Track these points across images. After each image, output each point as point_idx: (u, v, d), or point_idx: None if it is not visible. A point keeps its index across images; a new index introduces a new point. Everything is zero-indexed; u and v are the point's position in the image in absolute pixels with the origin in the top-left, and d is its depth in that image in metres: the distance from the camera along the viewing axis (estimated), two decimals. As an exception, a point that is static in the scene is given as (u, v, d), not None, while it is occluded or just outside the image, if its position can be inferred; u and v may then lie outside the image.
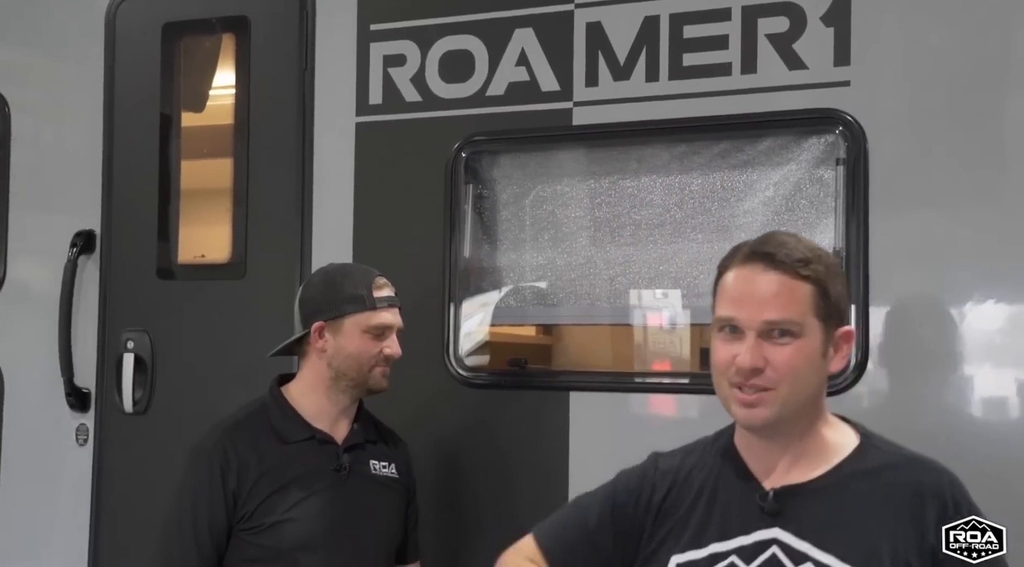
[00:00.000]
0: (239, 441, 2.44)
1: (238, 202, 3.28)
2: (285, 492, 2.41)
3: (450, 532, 3.01)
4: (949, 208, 2.62)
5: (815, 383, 1.76)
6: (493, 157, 3.08)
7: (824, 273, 1.73)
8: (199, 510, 2.40)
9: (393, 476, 2.60)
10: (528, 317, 3.16)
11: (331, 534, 2.43)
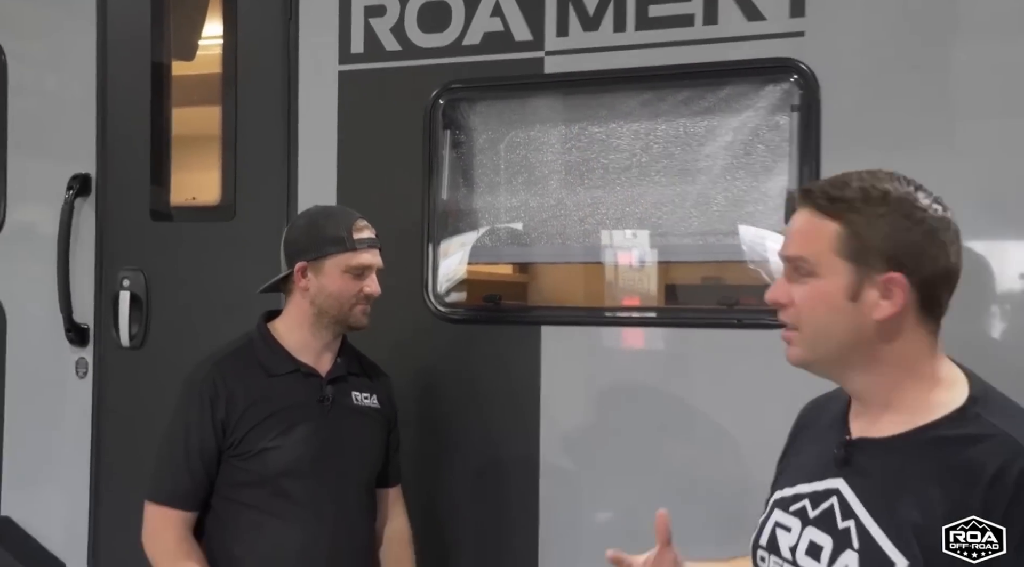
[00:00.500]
0: (228, 373, 2.47)
1: (227, 148, 3.27)
2: (271, 422, 2.45)
3: (428, 458, 3.05)
4: (898, 153, 2.60)
5: (845, 326, 1.56)
6: (469, 104, 3.09)
7: (861, 210, 1.54)
8: (190, 438, 2.44)
9: (375, 406, 2.64)
10: (502, 256, 3.19)
11: (315, 461, 2.47)
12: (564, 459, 2.94)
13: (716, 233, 2.91)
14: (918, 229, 1.53)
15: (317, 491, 2.48)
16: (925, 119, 2.64)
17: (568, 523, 2.92)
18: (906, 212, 1.54)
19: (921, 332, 1.57)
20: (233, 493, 2.47)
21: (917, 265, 1.53)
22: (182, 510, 2.45)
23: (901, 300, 1.53)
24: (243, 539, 2.47)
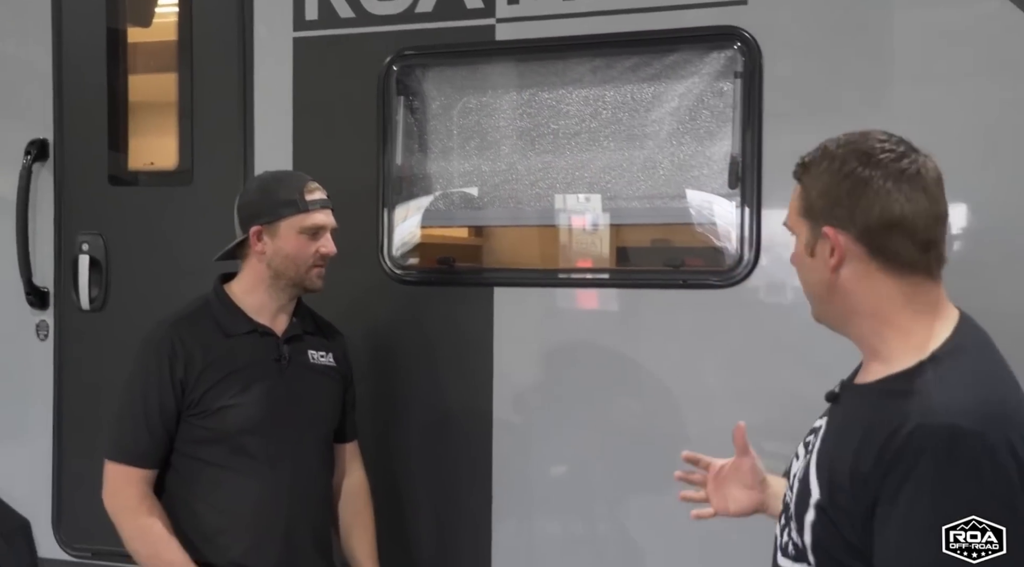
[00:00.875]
0: (185, 334, 2.46)
1: (183, 113, 3.24)
2: (229, 381, 2.44)
3: (384, 416, 3.06)
4: (837, 119, 2.59)
5: (813, 279, 1.62)
6: (423, 71, 3.06)
7: (810, 171, 1.59)
8: (149, 397, 2.42)
9: (331, 364, 2.63)
10: (456, 219, 3.18)
11: (272, 418, 2.46)
12: (517, 415, 2.96)
13: (663, 197, 2.92)
14: (847, 181, 1.53)
15: (275, 447, 2.47)
16: (863, 85, 2.65)
17: (521, 475, 2.94)
18: (838, 167, 1.55)
19: (888, 282, 1.55)
20: (192, 450, 2.45)
21: (850, 216, 1.53)
22: (142, 468, 2.43)
23: (839, 252, 1.54)
24: (203, 495, 2.46)
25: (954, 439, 1.40)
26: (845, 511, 1.49)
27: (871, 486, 1.45)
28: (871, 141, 1.57)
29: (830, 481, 1.53)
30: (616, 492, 2.87)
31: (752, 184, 2.71)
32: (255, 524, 2.46)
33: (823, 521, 1.53)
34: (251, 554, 2.45)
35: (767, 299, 2.75)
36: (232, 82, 3.18)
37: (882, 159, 1.53)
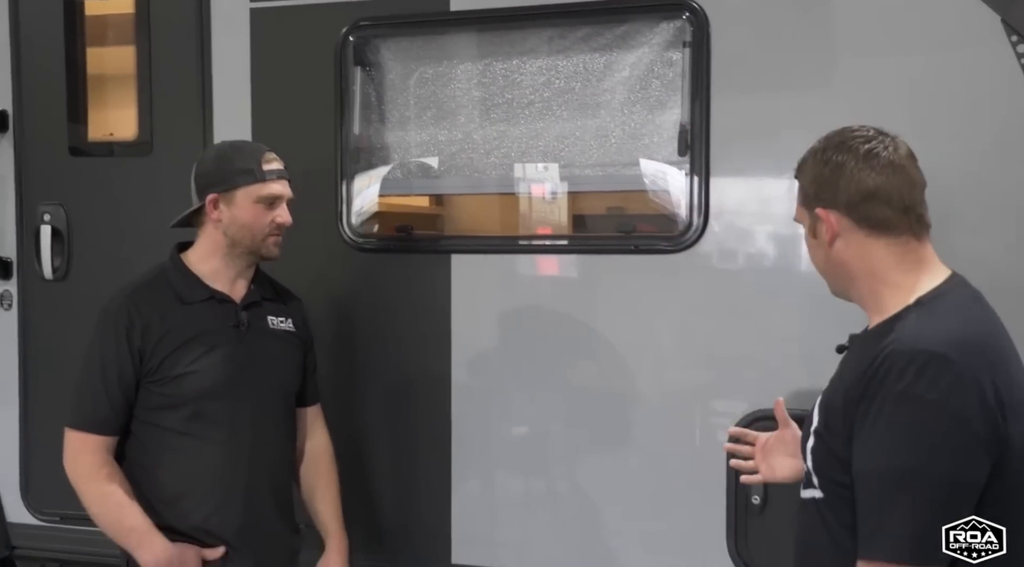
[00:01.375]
0: (142, 303, 2.40)
1: (142, 85, 3.17)
2: (188, 347, 2.39)
3: (345, 381, 3.03)
4: (783, 89, 2.65)
5: (819, 258, 1.83)
6: (379, 41, 3.01)
7: (800, 168, 1.84)
8: (108, 366, 2.37)
9: (290, 330, 2.59)
10: (413, 188, 3.14)
11: (232, 383, 2.42)
12: (475, 378, 2.94)
13: (615, 165, 2.90)
14: (826, 168, 1.76)
15: (235, 412, 2.43)
16: (807, 57, 2.64)
17: (479, 436, 2.94)
18: (820, 157, 1.79)
19: (875, 246, 1.75)
20: (152, 417, 2.41)
21: (833, 196, 1.75)
22: (102, 435, 2.39)
23: (832, 227, 1.76)
24: (164, 461, 2.42)
25: (917, 356, 1.58)
26: (836, 432, 1.68)
27: (854, 405, 1.64)
28: (845, 133, 1.80)
29: (826, 410, 1.74)
30: (572, 451, 2.87)
31: (701, 152, 2.70)
32: (216, 488, 2.43)
33: (819, 445, 1.73)
34: (213, 518, 2.41)
35: (716, 263, 2.74)
36: (190, 53, 3.13)
37: (852, 145, 1.75)
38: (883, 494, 1.58)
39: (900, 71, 2.55)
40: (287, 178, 2.51)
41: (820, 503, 1.74)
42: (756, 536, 2.68)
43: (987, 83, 2.48)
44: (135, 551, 2.36)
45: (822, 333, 2.55)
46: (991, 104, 2.46)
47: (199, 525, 2.41)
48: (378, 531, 3.02)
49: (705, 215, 2.72)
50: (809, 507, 1.79)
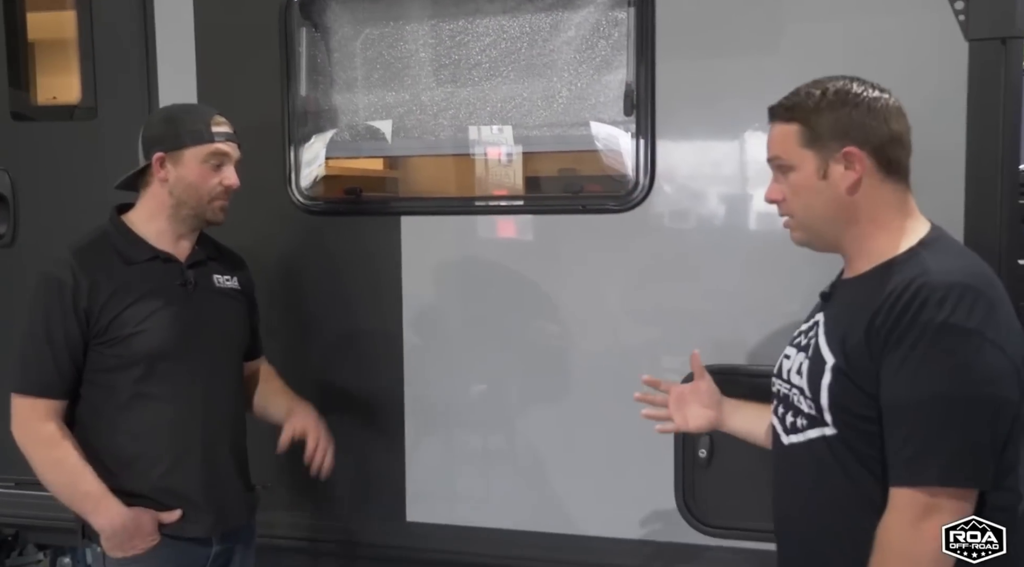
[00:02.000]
0: (86, 265, 2.32)
1: (84, 49, 3.07)
2: (135, 307, 2.32)
3: (297, 340, 3.00)
4: (726, 49, 2.60)
5: (823, 201, 1.78)
6: (325, 1, 2.93)
7: (809, 109, 1.77)
8: (53, 329, 2.29)
9: (236, 287, 2.55)
10: (362, 150, 3.07)
11: (181, 341, 2.36)
12: (426, 338, 2.91)
13: (563, 125, 2.85)
14: (856, 110, 1.75)
15: (186, 370, 2.38)
16: (751, 18, 2.58)
17: (432, 396, 2.91)
18: (842, 99, 1.76)
19: (886, 190, 1.76)
20: (103, 379, 2.33)
21: (865, 136, 1.74)
22: (51, 398, 2.31)
23: (862, 166, 1.74)
24: (118, 422, 2.34)
25: (954, 289, 1.59)
26: (861, 367, 1.66)
27: (881, 337, 1.62)
28: (852, 82, 1.80)
29: (843, 345, 1.70)
30: (525, 407, 2.85)
31: (647, 112, 2.66)
32: (172, 447, 2.37)
33: (839, 380, 1.70)
34: (170, 476, 2.36)
35: (663, 222, 2.71)
36: (132, 15, 3.02)
37: (871, 93, 1.77)
38: (930, 420, 1.58)
39: (844, 34, 2.51)
40: (236, 142, 2.44)
41: (832, 440, 1.73)
42: (703, 490, 2.68)
43: (928, 45, 2.45)
44: (90, 516, 2.30)
45: (765, 288, 2.61)
46: (933, 66, 2.43)
47: (157, 484, 2.35)
48: (332, 491, 2.98)
49: (651, 175, 2.67)
50: (809, 449, 1.78)
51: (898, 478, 1.62)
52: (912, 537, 1.59)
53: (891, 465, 1.63)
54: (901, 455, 1.61)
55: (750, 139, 2.62)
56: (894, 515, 1.61)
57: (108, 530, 2.28)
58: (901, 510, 1.61)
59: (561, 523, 2.80)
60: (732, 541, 2.65)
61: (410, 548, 2.94)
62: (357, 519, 2.98)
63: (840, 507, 1.74)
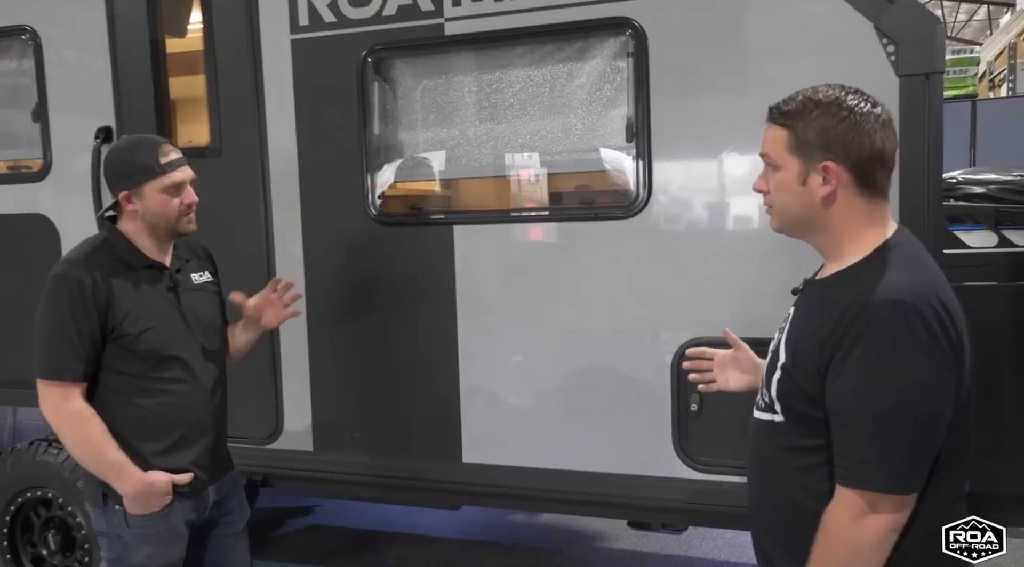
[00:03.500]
0: (97, 267, 2.19)
1: (212, 104, 3.20)
2: (141, 308, 2.21)
3: (372, 326, 3.06)
4: (706, 90, 2.66)
5: (798, 204, 1.58)
6: (391, 61, 3.03)
7: (800, 119, 1.56)
8: (78, 321, 2.14)
9: (210, 280, 2.44)
10: (421, 175, 3.15)
11: (182, 334, 2.29)
12: (475, 319, 2.97)
13: (577, 151, 2.91)
14: (842, 124, 1.52)
15: (184, 358, 2.28)
16: (725, 63, 2.64)
17: (480, 365, 2.98)
18: (832, 112, 1.53)
19: (858, 203, 1.56)
20: (121, 367, 2.22)
21: (846, 152, 1.52)
22: (75, 382, 2.17)
23: (837, 181, 1.54)
24: (132, 403, 2.23)
25: (896, 308, 1.42)
26: (804, 370, 1.52)
27: (827, 349, 1.47)
28: (847, 94, 1.56)
29: (794, 349, 1.56)
30: (553, 372, 2.91)
31: (644, 139, 2.73)
32: (179, 421, 2.27)
33: (785, 379, 1.57)
34: (178, 446, 2.27)
35: (658, 226, 2.77)
36: (247, 76, 3.15)
37: (863, 108, 1.53)
38: (874, 432, 1.43)
39: (797, 73, 2.49)
40: (186, 163, 2.29)
41: (779, 426, 1.61)
42: (694, 435, 2.74)
43: (866, 80, 2.40)
44: (114, 483, 2.19)
45: (741, 277, 2.66)
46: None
47: (167, 453, 2.25)
48: (402, 438, 3.09)
49: (649, 188, 2.75)
50: (766, 428, 1.65)
51: (845, 479, 1.47)
52: (855, 529, 1.46)
53: (838, 465, 1.49)
54: (849, 460, 1.47)
55: (726, 159, 2.68)
56: (839, 509, 1.48)
57: (131, 494, 2.18)
58: (846, 506, 1.47)
59: (585, 462, 2.85)
60: (715, 475, 2.71)
61: (466, 483, 2.99)
62: (422, 460, 3.04)
63: (777, 476, 1.63)
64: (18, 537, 3.61)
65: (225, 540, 2.46)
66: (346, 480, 3.14)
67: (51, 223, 3.48)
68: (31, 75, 3.48)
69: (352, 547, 4.52)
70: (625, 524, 3.24)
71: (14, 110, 3.62)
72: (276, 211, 3.15)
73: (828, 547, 1.50)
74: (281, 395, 3.22)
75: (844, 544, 1.48)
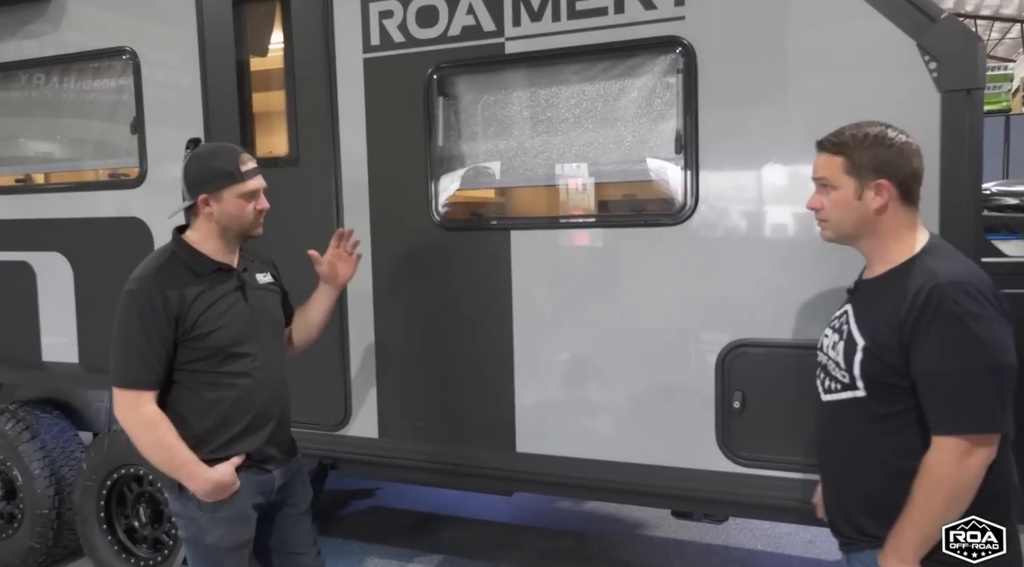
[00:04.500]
0: (167, 280, 2.24)
1: (291, 118, 3.25)
2: (211, 309, 2.25)
3: (433, 322, 3.09)
4: (752, 104, 2.63)
5: (855, 216, 1.84)
6: (455, 78, 3.06)
7: (852, 147, 1.82)
8: (150, 333, 2.18)
9: (271, 281, 2.48)
10: (482, 183, 3.18)
11: (248, 331, 2.32)
12: (530, 318, 2.98)
13: (629, 161, 2.90)
14: (890, 151, 1.81)
15: (250, 353, 2.31)
16: (770, 79, 2.60)
17: (534, 361, 2.98)
18: (880, 142, 1.82)
19: (902, 212, 1.82)
20: (191, 366, 2.26)
21: (894, 171, 1.81)
22: (149, 390, 2.21)
23: (888, 194, 1.81)
24: (202, 397, 2.27)
25: (960, 287, 1.66)
26: (887, 347, 1.73)
27: (907, 328, 1.69)
28: (887, 128, 1.84)
29: (872, 332, 1.77)
30: (602, 370, 2.90)
31: (692, 150, 2.71)
32: (246, 411, 2.30)
33: (869, 358, 1.77)
34: (245, 434, 2.30)
35: (704, 233, 2.74)
36: (323, 92, 3.19)
37: (902, 138, 1.83)
38: (963, 386, 1.63)
39: (840, 89, 2.51)
40: (260, 173, 2.34)
41: (862, 400, 1.79)
42: (736, 431, 2.71)
43: (908, 96, 2.42)
44: (187, 482, 2.22)
45: (780, 280, 2.63)
46: (912, 112, 2.38)
47: (236, 441, 2.29)
48: (459, 428, 3.11)
49: (696, 197, 2.73)
50: (845, 405, 1.83)
51: (944, 429, 1.66)
52: (959, 468, 1.64)
53: (933, 420, 1.68)
54: (945, 412, 1.66)
55: (770, 170, 2.65)
56: (941, 455, 1.67)
57: (202, 491, 2.22)
58: (948, 451, 1.65)
59: (633, 454, 2.84)
60: (755, 469, 2.69)
61: (519, 472, 3.00)
62: (479, 449, 3.06)
63: (862, 446, 1.81)
64: (113, 510, 3.76)
65: (288, 520, 2.49)
66: (408, 465, 3.17)
67: (145, 226, 3.58)
68: (130, 92, 3.58)
69: (410, 527, 4.58)
70: (666, 513, 3.22)
71: (114, 123, 3.73)
72: (347, 216, 3.19)
73: (934, 488, 1.67)
74: (350, 386, 3.27)
75: (949, 482, 1.65)
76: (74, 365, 3.76)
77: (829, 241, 1.95)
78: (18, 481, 3.89)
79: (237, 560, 2.33)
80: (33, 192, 3.90)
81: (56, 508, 3.86)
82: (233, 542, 2.31)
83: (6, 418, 3.93)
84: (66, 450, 3.93)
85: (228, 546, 2.30)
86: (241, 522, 2.32)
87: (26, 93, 3.91)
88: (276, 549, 2.49)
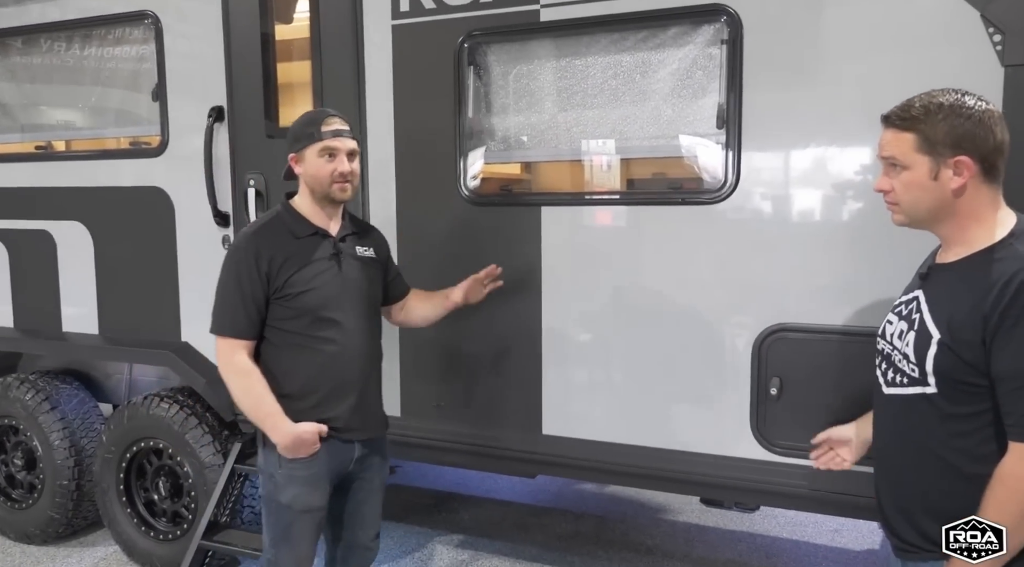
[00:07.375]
0: (266, 239, 2.35)
1: (316, 89, 3.17)
2: (303, 271, 2.33)
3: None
4: (800, 76, 2.52)
5: (930, 198, 1.64)
6: (487, 47, 2.95)
7: (924, 122, 1.61)
8: (244, 287, 2.30)
9: (372, 256, 2.53)
10: (513, 157, 3.08)
11: (338, 297, 2.37)
12: (559, 295, 2.91)
13: (667, 137, 2.79)
14: (968, 122, 1.59)
15: (342, 319, 2.37)
16: (821, 53, 2.48)
17: (562, 341, 2.92)
18: (957, 112, 1.60)
19: (984, 191, 1.62)
20: (282, 325, 2.35)
21: (975, 146, 1.59)
22: (243, 339, 2.33)
23: (969, 173, 1.60)
24: (290, 358, 2.36)
25: None
26: (966, 342, 1.55)
27: (992, 321, 1.50)
28: (963, 95, 1.62)
29: (949, 324, 1.59)
30: (633, 352, 2.83)
31: (735, 126, 2.60)
32: (332, 377, 2.36)
33: (944, 352, 1.59)
34: (328, 399, 2.37)
35: (744, 212, 2.64)
36: (349, 62, 3.10)
37: (982, 106, 1.61)
38: None
39: (898, 64, 2.38)
40: (347, 135, 2.39)
41: (931, 397, 1.62)
42: (772, 419, 2.63)
43: (970, 71, 2.27)
44: (269, 431, 2.32)
45: (826, 265, 2.54)
46: (975, 87, 2.23)
47: (319, 405, 2.36)
48: (486, 409, 3.05)
49: (737, 174, 2.62)
50: (912, 401, 1.67)
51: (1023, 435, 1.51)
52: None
53: (1014, 424, 1.51)
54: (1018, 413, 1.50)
55: (818, 149, 2.53)
56: (1019, 464, 1.51)
57: (282, 443, 2.30)
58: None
59: (663, 439, 2.78)
60: (791, 458, 2.61)
61: (545, 454, 2.95)
62: (504, 430, 3.01)
63: (929, 446, 1.65)
64: (133, 483, 3.74)
65: (360, 494, 2.54)
66: (430, 445, 3.13)
67: (166, 195, 3.53)
68: (152, 58, 3.52)
69: (431, 506, 4.56)
70: (689, 498, 3.16)
71: (135, 91, 3.67)
72: (372, 189, 3.12)
73: (1009, 498, 1.51)
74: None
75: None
76: (94, 336, 3.74)
77: (901, 225, 1.74)
78: (38, 452, 3.88)
79: (308, 525, 2.39)
80: (53, 160, 3.87)
81: (75, 479, 3.86)
82: (305, 504, 2.37)
83: (26, 388, 3.92)
84: (86, 422, 3.92)
85: (300, 507, 2.37)
86: (316, 486, 2.39)
87: (47, 59, 3.86)
88: (342, 520, 2.55)
